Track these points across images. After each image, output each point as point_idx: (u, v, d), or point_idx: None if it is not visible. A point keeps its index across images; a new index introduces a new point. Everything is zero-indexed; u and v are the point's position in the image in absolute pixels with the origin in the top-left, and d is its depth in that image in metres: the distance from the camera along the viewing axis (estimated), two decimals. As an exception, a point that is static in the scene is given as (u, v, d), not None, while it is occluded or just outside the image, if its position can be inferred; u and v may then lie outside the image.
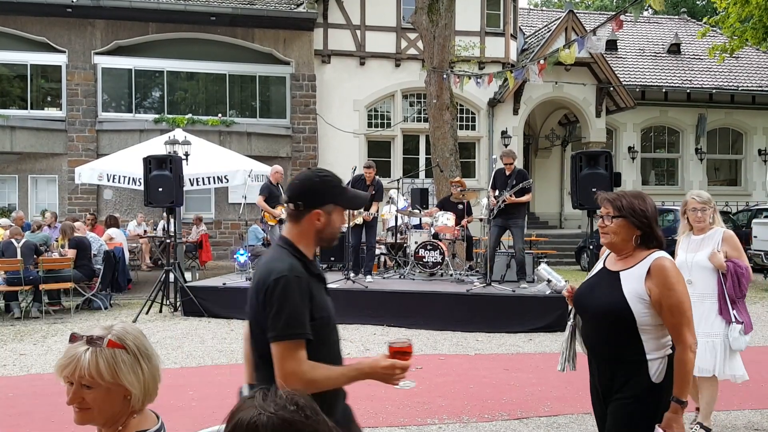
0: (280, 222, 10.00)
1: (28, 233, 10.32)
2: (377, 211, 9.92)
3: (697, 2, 36.34)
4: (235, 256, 11.00)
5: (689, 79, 20.90)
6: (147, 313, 9.07)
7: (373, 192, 9.61)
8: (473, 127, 18.67)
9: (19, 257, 8.96)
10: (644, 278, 2.41)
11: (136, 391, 1.55)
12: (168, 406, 4.79)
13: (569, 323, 2.75)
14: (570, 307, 2.75)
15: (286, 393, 1.17)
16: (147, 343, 1.63)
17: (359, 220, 9.59)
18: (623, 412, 2.46)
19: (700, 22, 24.66)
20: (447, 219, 9.95)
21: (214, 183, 12.16)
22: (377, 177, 9.87)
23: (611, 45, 21.42)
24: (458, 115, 16.18)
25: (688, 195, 4.30)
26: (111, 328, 1.60)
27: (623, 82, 18.93)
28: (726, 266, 4.09)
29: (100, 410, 1.54)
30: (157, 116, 16.32)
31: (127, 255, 11.81)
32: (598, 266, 2.69)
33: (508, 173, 8.88)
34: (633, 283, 2.43)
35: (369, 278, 9.69)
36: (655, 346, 2.43)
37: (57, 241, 10.42)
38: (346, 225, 9.76)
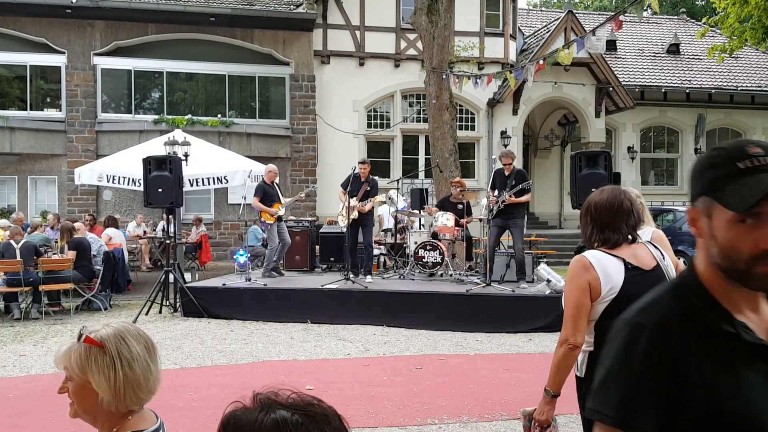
0: (278, 219, 10.03)
1: (26, 235, 10.32)
2: (373, 207, 9.90)
3: (697, 2, 36.36)
4: (234, 257, 10.99)
5: (688, 79, 20.92)
6: (147, 313, 9.06)
7: (368, 188, 9.63)
8: (473, 128, 18.68)
9: (18, 258, 8.96)
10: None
11: (103, 394, 1.52)
12: (168, 407, 4.80)
13: None
14: None
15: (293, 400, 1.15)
16: (137, 349, 1.57)
17: (355, 215, 9.56)
18: None
19: (699, 23, 24.71)
20: (447, 219, 9.96)
21: (214, 184, 12.16)
22: (370, 175, 9.92)
23: (610, 45, 21.43)
24: (458, 116, 16.17)
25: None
26: (105, 326, 1.59)
27: (622, 83, 18.94)
28: None
29: (78, 404, 1.55)
30: (156, 117, 16.32)
31: (126, 256, 11.81)
32: None
33: (507, 173, 8.89)
34: None
35: (369, 278, 9.69)
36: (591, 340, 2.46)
37: (56, 242, 10.41)
38: (345, 223, 9.80)
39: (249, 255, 10.71)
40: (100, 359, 1.53)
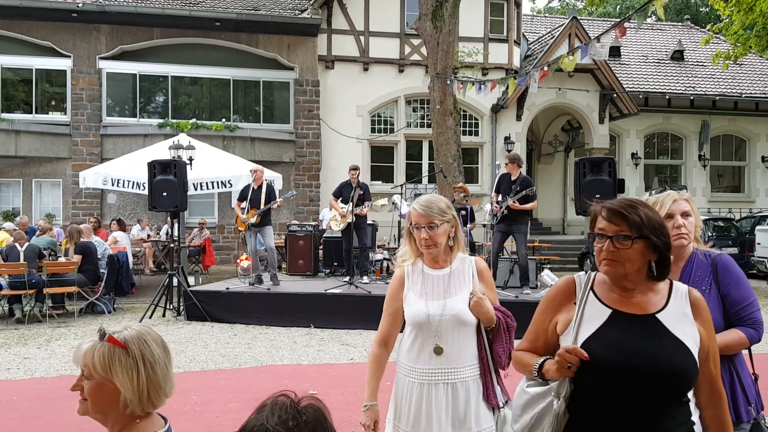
0: (249, 228, 9.58)
1: (32, 238, 10.37)
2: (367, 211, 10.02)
3: (701, 9, 36.37)
4: (237, 261, 11.02)
5: (692, 85, 20.91)
6: (150, 317, 9.08)
7: (361, 192, 9.72)
8: (476, 133, 18.69)
9: (22, 261, 8.99)
10: (693, 319, 1.80)
11: (127, 394, 1.56)
12: (171, 410, 4.78)
13: (556, 402, 1.79)
14: (564, 378, 1.78)
15: (296, 407, 1.18)
16: (158, 352, 1.63)
17: (351, 219, 9.64)
18: None
19: (703, 29, 24.71)
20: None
21: (218, 188, 12.18)
22: (359, 179, 9.99)
23: (614, 51, 21.44)
24: (461, 121, 16.19)
25: (412, 204, 2.55)
26: (127, 328, 1.63)
27: (626, 89, 18.94)
28: (496, 318, 2.45)
29: (92, 402, 1.58)
30: (161, 121, 16.38)
31: (131, 259, 11.83)
32: (594, 310, 1.84)
33: (513, 178, 8.86)
34: (686, 328, 1.78)
35: (365, 279, 9.80)
36: (693, 406, 1.84)
37: (61, 244, 10.44)
38: (340, 228, 9.91)
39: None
40: (123, 360, 1.57)
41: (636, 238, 1.74)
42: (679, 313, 1.79)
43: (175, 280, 9.39)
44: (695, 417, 1.83)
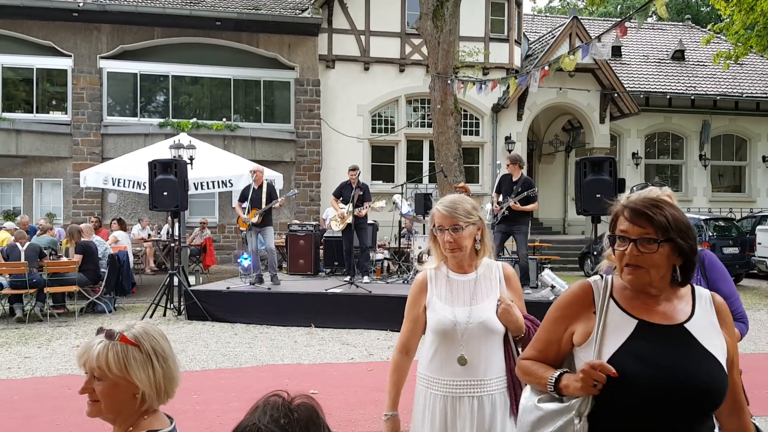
0: (250, 227, 9.55)
1: (33, 237, 10.38)
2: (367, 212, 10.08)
3: (702, 9, 36.35)
4: (238, 261, 11.02)
5: (693, 85, 20.90)
6: (151, 316, 9.08)
7: (361, 193, 9.73)
8: (477, 133, 18.69)
9: (23, 260, 9.00)
10: (719, 327, 1.68)
11: (146, 389, 1.58)
12: (172, 410, 4.78)
13: (578, 422, 1.60)
14: (586, 396, 1.60)
15: (288, 405, 1.19)
16: (166, 346, 1.67)
17: (351, 219, 9.66)
18: None
19: (704, 29, 24.69)
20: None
21: (219, 187, 12.19)
22: (360, 180, 10.04)
23: (615, 51, 21.44)
24: (462, 121, 16.19)
25: (435, 205, 2.41)
26: (132, 326, 1.64)
27: (627, 89, 18.94)
28: (525, 327, 2.33)
29: (106, 403, 1.58)
30: (161, 120, 16.40)
31: (131, 258, 11.83)
32: (618, 320, 1.66)
33: (515, 179, 8.86)
34: (715, 340, 1.65)
35: (366, 279, 9.82)
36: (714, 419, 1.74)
37: (62, 244, 10.45)
38: (341, 228, 9.95)
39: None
40: (138, 356, 1.59)
41: (662, 242, 1.59)
42: (707, 322, 1.66)
43: (175, 280, 9.39)
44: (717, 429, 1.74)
